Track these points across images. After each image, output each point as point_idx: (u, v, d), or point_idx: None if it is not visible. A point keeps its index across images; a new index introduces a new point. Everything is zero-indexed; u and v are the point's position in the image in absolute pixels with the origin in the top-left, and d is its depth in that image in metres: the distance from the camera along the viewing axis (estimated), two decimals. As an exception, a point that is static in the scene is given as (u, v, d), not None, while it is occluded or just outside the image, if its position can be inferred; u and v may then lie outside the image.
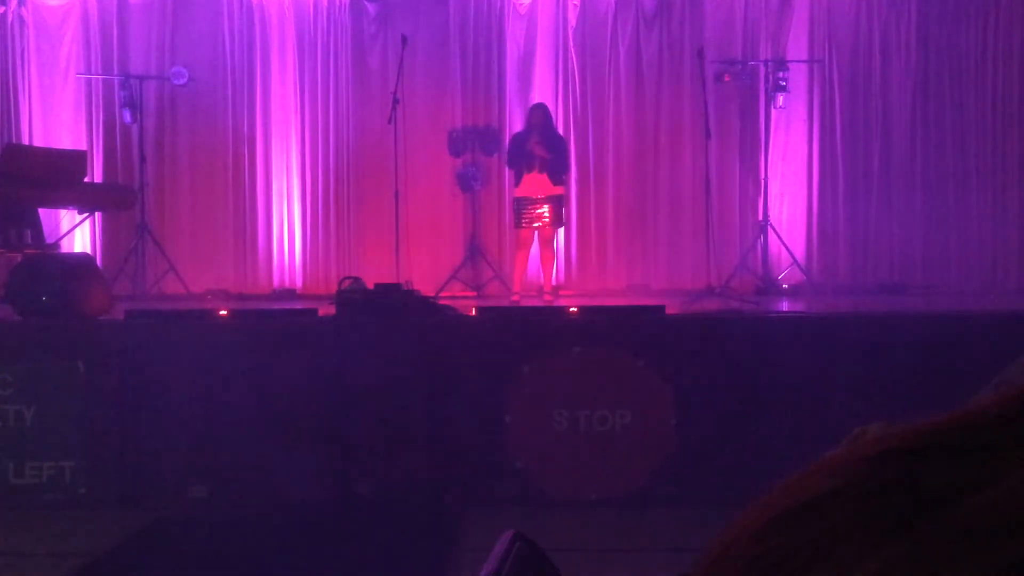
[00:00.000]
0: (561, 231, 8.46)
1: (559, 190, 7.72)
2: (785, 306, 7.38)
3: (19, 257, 6.07)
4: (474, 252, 8.84)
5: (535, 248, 7.96)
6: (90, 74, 9.09)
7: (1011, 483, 0.32)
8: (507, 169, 8.38)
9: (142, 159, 8.58)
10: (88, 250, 8.66)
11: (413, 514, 4.88)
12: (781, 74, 8.49)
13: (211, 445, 5.04)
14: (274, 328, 5.32)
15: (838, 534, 0.34)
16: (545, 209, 7.61)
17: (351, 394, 5.04)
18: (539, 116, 7.72)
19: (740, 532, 0.38)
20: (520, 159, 7.66)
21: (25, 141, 8.84)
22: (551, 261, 8.12)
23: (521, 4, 9.14)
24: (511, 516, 4.61)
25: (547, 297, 7.90)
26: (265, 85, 9.17)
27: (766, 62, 8.74)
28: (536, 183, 7.59)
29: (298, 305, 7.25)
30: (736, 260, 8.44)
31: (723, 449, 4.90)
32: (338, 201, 9.17)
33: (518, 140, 7.80)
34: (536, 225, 7.67)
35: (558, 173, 7.68)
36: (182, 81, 8.69)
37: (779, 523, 0.37)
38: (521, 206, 7.69)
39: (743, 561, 0.37)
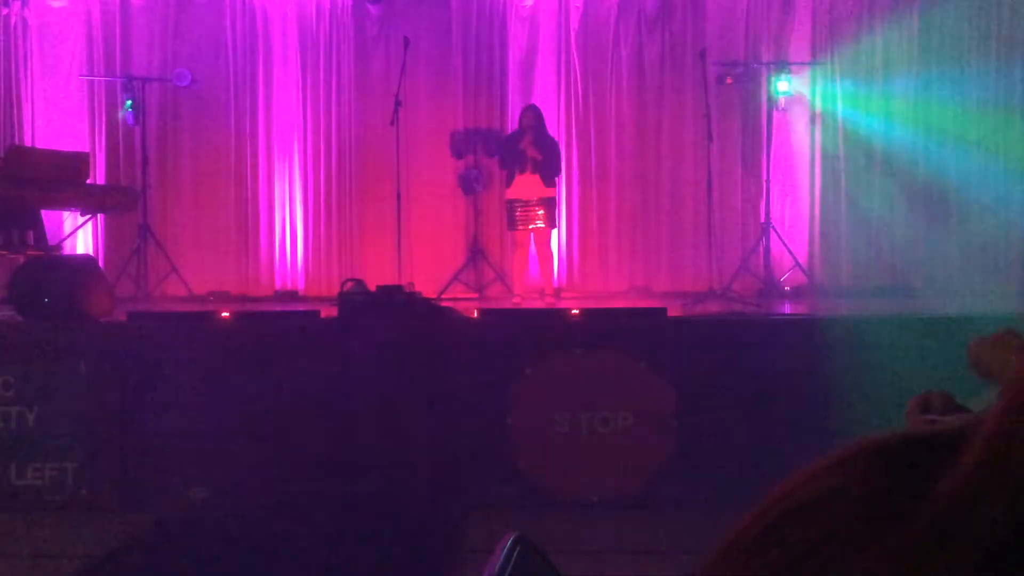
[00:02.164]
0: (556, 232, 8.48)
1: (551, 192, 7.75)
2: (787, 308, 7.37)
3: (22, 259, 6.08)
4: (476, 254, 8.85)
5: (533, 250, 7.98)
6: (93, 76, 9.10)
7: (957, 481, 0.34)
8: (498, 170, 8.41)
9: (145, 161, 8.59)
10: (90, 252, 8.67)
11: (415, 516, 4.88)
12: (783, 76, 8.50)
13: (213, 447, 5.04)
14: (276, 330, 5.32)
15: (840, 535, 0.36)
16: (539, 211, 7.63)
17: (353, 396, 5.04)
18: (532, 118, 7.74)
19: (743, 534, 0.40)
20: (513, 160, 7.68)
21: (28, 143, 8.85)
22: (550, 262, 8.14)
23: (523, 6, 9.15)
24: (513, 518, 4.61)
25: (549, 299, 7.90)
26: (267, 87, 9.17)
27: (768, 64, 8.74)
28: (529, 185, 7.62)
29: (300, 307, 7.26)
30: (738, 262, 8.43)
31: (725, 451, 4.90)
32: (340, 203, 9.18)
33: (510, 141, 7.83)
34: (531, 227, 7.69)
35: (551, 175, 7.71)
36: (185, 83, 8.70)
37: (782, 525, 0.38)
38: (514, 208, 7.71)
39: (753, 564, 0.38)
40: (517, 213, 7.69)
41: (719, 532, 0.42)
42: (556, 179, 7.93)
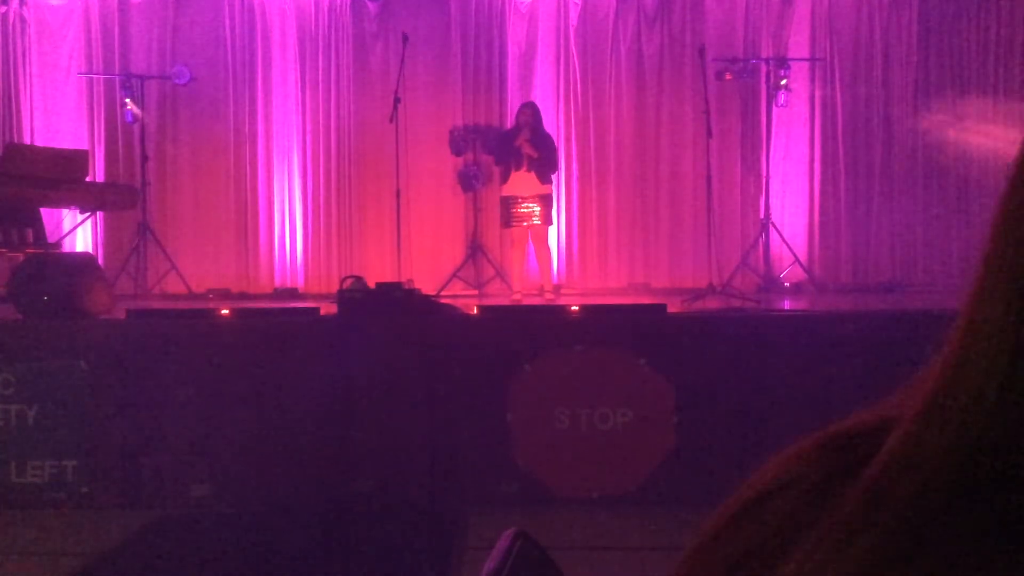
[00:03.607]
0: (556, 229, 8.48)
1: (547, 189, 7.74)
2: (787, 304, 7.37)
3: (21, 256, 6.08)
4: (475, 251, 8.85)
5: (531, 247, 7.98)
6: (91, 73, 9.10)
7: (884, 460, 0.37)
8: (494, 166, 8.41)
9: (144, 158, 8.58)
10: (90, 249, 8.67)
11: (415, 512, 4.88)
12: (782, 72, 8.49)
13: (213, 444, 5.04)
14: (276, 327, 5.32)
15: (792, 521, 0.39)
16: (535, 208, 7.62)
17: (353, 393, 5.05)
18: (529, 115, 7.74)
19: (710, 527, 0.43)
20: (508, 157, 7.67)
21: (27, 140, 8.85)
22: (548, 259, 8.14)
23: (522, 2, 9.14)
24: (513, 514, 4.62)
25: (548, 296, 7.90)
26: (266, 84, 9.17)
27: (767, 60, 8.74)
28: (524, 182, 7.61)
29: (300, 304, 7.26)
30: (737, 258, 8.44)
31: (724, 448, 4.90)
32: (339, 200, 9.18)
33: (506, 138, 7.82)
34: (526, 224, 7.68)
35: (547, 172, 7.70)
36: (183, 80, 8.69)
37: (743, 515, 0.42)
38: (510, 205, 7.70)
39: (717, 557, 0.41)
40: (512, 210, 7.69)
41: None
42: (552, 176, 7.92)
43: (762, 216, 8.51)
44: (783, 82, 8.47)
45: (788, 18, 9.03)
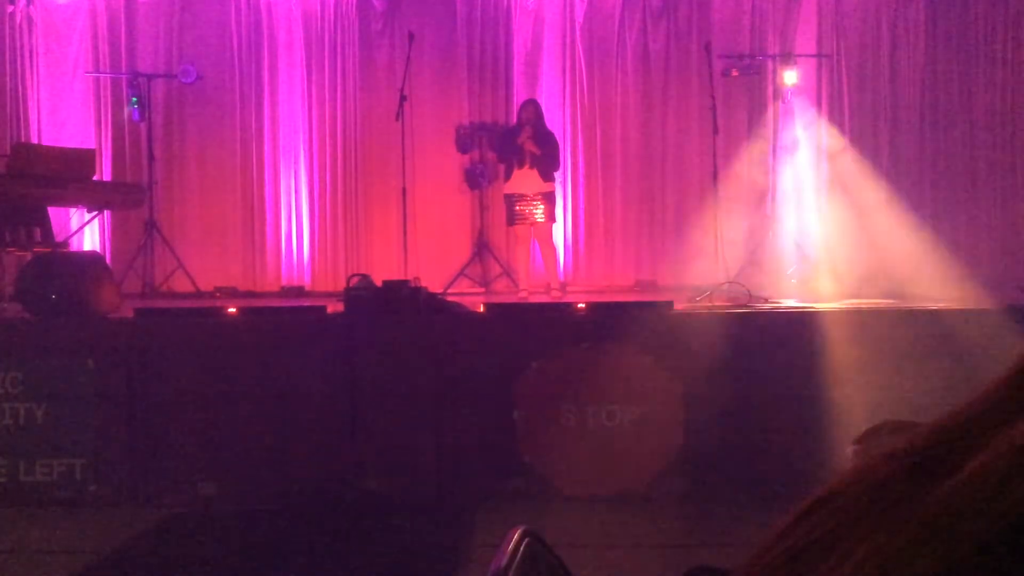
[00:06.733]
0: (562, 227, 8.46)
1: (550, 186, 7.73)
2: (794, 301, 7.35)
3: (29, 255, 6.10)
4: (481, 249, 8.85)
5: (536, 245, 7.98)
6: (98, 72, 9.11)
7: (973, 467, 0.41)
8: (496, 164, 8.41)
9: (151, 157, 8.60)
10: (97, 248, 8.69)
11: (422, 510, 4.89)
12: (789, 68, 8.47)
13: (220, 442, 5.05)
14: (282, 325, 5.33)
15: (851, 520, 0.42)
16: (539, 206, 7.61)
17: (359, 391, 5.05)
18: (531, 112, 7.73)
19: (780, 524, 0.47)
20: (511, 154, 7.67)
21: (34, 140, 8.86)
22: (553, 256, 8.13)
23: (528, 0, 9.13)
24: (519, 512, 4.61)
25: (555, 293, 7.89)
26: (273, 82, 9.18)
27: (774, 57, 8.71)
28: (527, 179, 7.61)
29: (307, 302, 7.26)
30: (744, 255, 8.41)
31: (731, 445, 4.90)
32: (346, 198, 9.18)
33: (509, 135, 7.82)
34: (530, 222, 7.68)
35: (549, 169, 7.69)
36: (190, 79, 8.70)
37: (806, 515, 0.46)
38: (513, 202, 7.70)
39: (781, 548, 0.45)
40: (516, 208, 7.68)
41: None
42: (555, 174, 7.91)
43: (769, 213, 8.49)
44: (790, 77, 8.44)
45: (794, 14, 9.00)
